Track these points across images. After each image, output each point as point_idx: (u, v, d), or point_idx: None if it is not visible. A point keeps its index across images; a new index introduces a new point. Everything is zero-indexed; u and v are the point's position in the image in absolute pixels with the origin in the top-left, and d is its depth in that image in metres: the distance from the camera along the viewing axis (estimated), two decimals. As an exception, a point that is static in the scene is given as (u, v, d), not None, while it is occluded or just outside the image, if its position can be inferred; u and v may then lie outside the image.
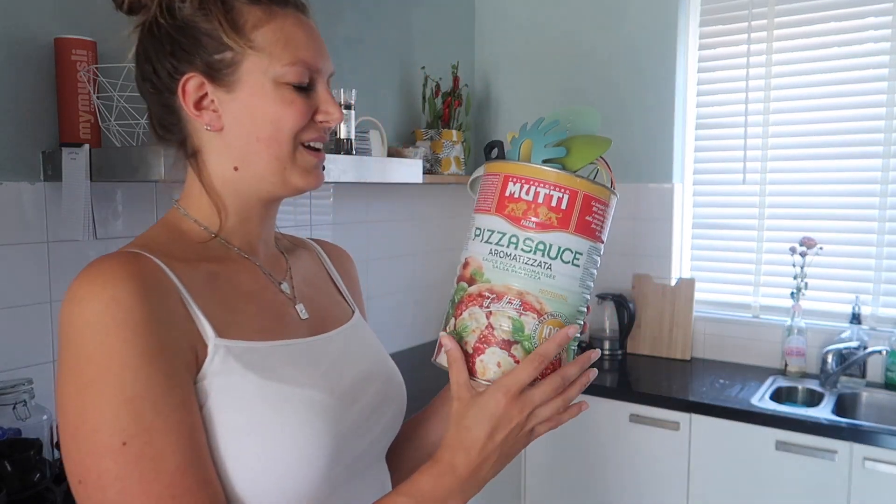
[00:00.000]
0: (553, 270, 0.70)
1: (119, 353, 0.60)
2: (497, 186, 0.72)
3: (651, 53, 2.60)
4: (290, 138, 0.73)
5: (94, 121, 1.52)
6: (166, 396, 0.61)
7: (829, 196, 2.39)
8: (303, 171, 0.75)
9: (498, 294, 0.70)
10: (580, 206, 0.70)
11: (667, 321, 2.58)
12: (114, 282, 0.61)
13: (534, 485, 2.42)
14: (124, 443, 0.59)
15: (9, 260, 1.50)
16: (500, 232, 0.71)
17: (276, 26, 0.72)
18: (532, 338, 0.70)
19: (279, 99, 0.72)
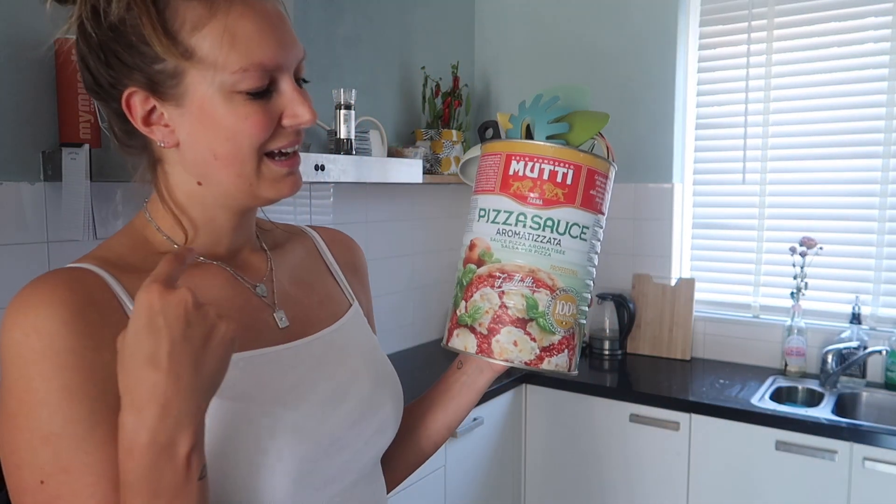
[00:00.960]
0: (562, 246, 0.70)
1: (37, 388, 0.55)
2: (499, 166, 0.71)
3: (651, 53, 2.60)
4: (251, 154, 0.64)
5: (94, 121, 1.52)
6: (88, 434, 0.56)
7: (829, 196, 2.39)
8: (272, 182, 0.66)
9: (509, 273, 0.70)
10: (584, 181, 0.70)
11: (667, 321, 2.58)
12: (37, 309, 0.56)
13: (534, 485, 2.42)
14: (42, 481, 0.55)
15: (9, 260, 1.50)
16: (507, 211, 0.70)
17: (219, 25, 0.60)
18: (546, 314, 0.69)
19: (233, 112, 0.62)
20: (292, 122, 0.65)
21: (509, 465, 2.38)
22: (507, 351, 0.70)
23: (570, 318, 0.71)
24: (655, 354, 2.59)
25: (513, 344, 0.69)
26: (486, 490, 2.25)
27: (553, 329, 0.70)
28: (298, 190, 0.69)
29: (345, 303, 0.84)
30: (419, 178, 2.15)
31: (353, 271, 0.90)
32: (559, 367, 0.71)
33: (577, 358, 0.74)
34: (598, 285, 2.75)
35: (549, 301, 0.69)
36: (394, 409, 0.78)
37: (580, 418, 2.30)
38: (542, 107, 0.72)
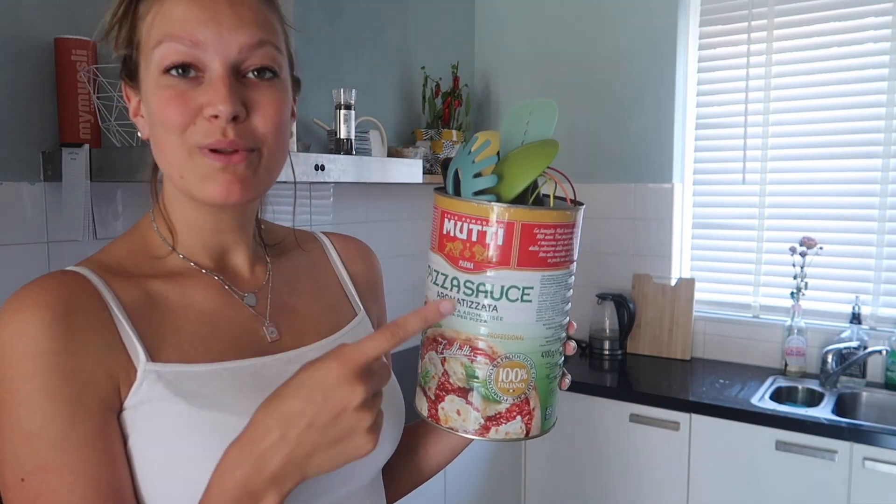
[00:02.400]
0: (499, 312, 0.63)
1: (17, 388, 0.57)
2: (438, 222, 0.66)
3: (651, 53, 2.60)
4: (175, 138, 0.62)
5: (94, 121, 1.52)
6: (68, 433, 0.57)
7: (829, 196, 2.39)
8: (200, 178, 0.62)
9: (449, 340, 0.65)
10: (519, 238, 0.62)
11: (667, 321, 2.58)
12: (21, 312, 0.58)
13: (534, 485, 2.42)
14: (22, 479, 0.56)
15: (9, 260, 1.50)
16: (443, 273, 0.65)
17: (157, 7, 0.61)
18: (488, 382, 0.64)
19: (157, 96, 0.61)
20: (207, 112, 0.60)
21: (509, 465, 2.38)
22: (451, 419, 0.66)
23: (521, 383, 0.65)
24: (655, 354, 2.59)
25: (456, 413, 0.65)
26: (486, 490, 2.25)
27: (497, 398, 0.64)
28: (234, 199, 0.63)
29: (349, 313, 0.82)
30: (419, 178, 2.15)
31: (364, 281, 0.87)
32: (510, 435, 0.66)
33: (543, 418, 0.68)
34: (598, 285, 2.75)
35: (491, 370, 0.64)
36: (390, 426, 0.74)
37: (580, 418, 2.30)
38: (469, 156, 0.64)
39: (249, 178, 0.64)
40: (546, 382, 0.67)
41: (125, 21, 0.64)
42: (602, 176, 2.74)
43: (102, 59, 1.58)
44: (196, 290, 0.69)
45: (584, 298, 2.75)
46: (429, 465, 0.86)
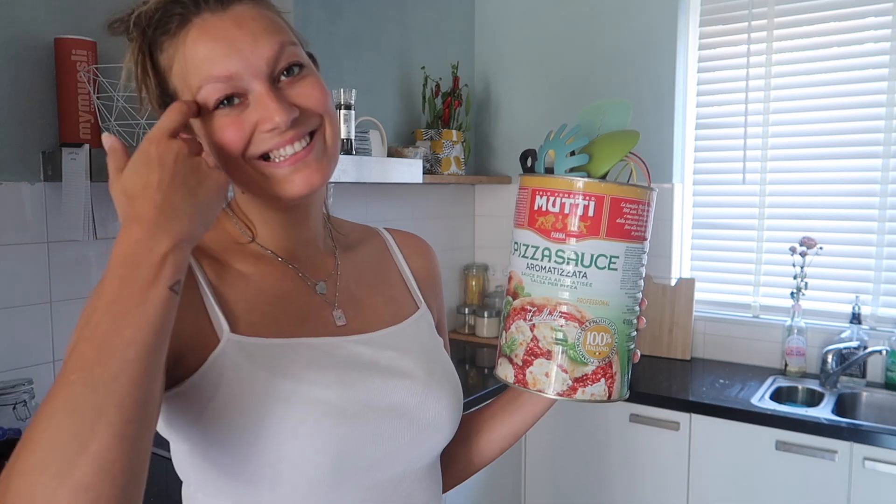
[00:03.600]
0: (589, 278, 0.70)
1: None
2: (527, 200, 0.73)
3: (651, 53, 2.60)
4: (241, 161, 0.68)
5: (94, 121, 1.52)
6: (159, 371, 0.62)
7: (829, 196, 2.39)
8: (278, 182, 0.70)
9: (538, 307, 0.71)
10: (608, 211, 0.70)
11: (667, 321, 2.58)
12: None
13: (534, 485, 2.42)
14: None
15: (9, 260, 1.50)
16: (534, 246, 0.72)
17: (181, 56, 0.67)
18: (577, 346, 0.71)
19: (211, 128, 0.68)
20: (264, 127, 0.67)
21: (509, 465, 2.38)
22: (539, 382, 0.72)
23: (605, 347, 0.71)
24: (655, 354, 2.59)
25: (545, 375, 0.71)
26: (486, 490, 2.25)
27: (585, 360, 0.71)
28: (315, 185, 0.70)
29: (411, 306, 0.87)
30: (419, 178, 2.15)
31: (424, 276, 0.92)
32: (595, 396, 0.72)
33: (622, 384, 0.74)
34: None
35: (579, 333, 0.70)
36: (449, 409, 0.79)
37: (580, 418, 2.30)
38: (562, 138, 0.73)
39: (320, 161, 0.71)
40: (625, 350, 0.73)
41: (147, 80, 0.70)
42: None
43: (102, 59, 1.58)
44: (273, 275, 0.76)
45: (584, 298, 2.75)
46: (486, 453, 0.91)
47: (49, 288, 1.57)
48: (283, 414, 0.66)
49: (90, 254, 1.65)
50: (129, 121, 1.51)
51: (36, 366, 1.56)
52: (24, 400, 1.42)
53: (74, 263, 1.62)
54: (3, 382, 1.43)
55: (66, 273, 1.60)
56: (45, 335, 1.58)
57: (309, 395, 0.68)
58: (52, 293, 1.58)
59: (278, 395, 0.67)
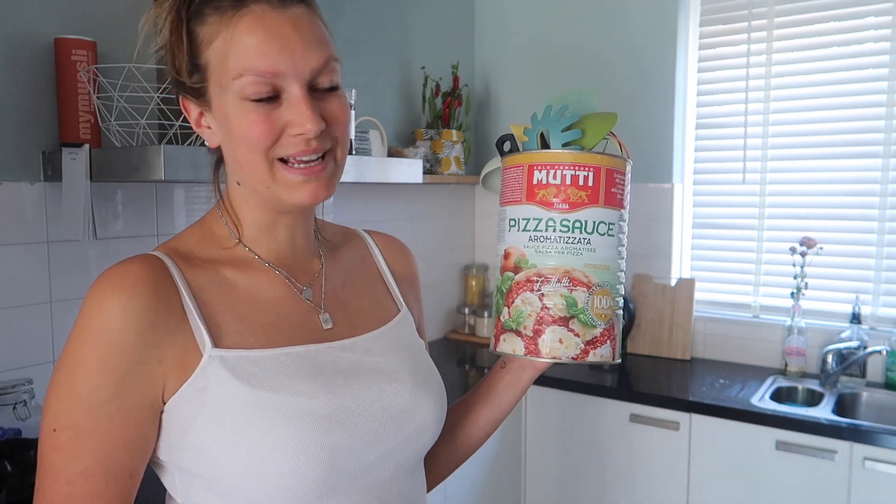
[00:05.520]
0: (592, 244, 0.74)
1: (83, 353, 0.64)
2: (523, 176, 0.76)
3: (651, 53, 2.60)
4: (261, 158, 0.68)
5: (94, 121, 1.52)
6: (106, 404, 0.64)
7: (829, 196, 2.39)
8: (287, 188, 0.70)
9: (546, 276, 0.74)
10: (605, 180, 0.74)
11: (667, 321, 2.58)
12: (104, 291, 0.65)
13: (534, 485, 2.42)
14: (54, 430, 0.64)
15: (9, 260, 1.50)
16: (536, 218, 0.74)
17: (227, 36, 0.66)
18: (586, 310, 0.74)
19: (241, 118, 0.67)
20: (293, 131, 0.68)
21: (509, 465, 2.38)
22: (554, 349, 0.74)
23: (609, 310, 0.75)
24: (655, 354, 2.59)
25: (558, 342, 0.74)
26: (486, 490, 2.25)
27: (594, 323, 0.74)
28: (321, 198, 0.72)
29: (393, 308, 0.87)
30: (419, 178, 2.15)
31: (404, 279, 0.93)
32: (604, 357, 0.75)
33: (619, 346, 0.78)
34: (598, 285, 2.72)
35: (587, 297, 0.74)
36: (434, 409, 0.80)
37: (580, 418, 2.30)
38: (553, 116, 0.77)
39: (330, 178, 0.73)
40: (619, 313, 0.78)
41: (180, 45, 0.68)
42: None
43: (102, 59, 1.58)
44: (261, 281, 0.75)
45: (584, 298, 2.75)
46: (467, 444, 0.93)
47: (49, 288, 1.57)
48: (269, 427, 0.66)
49: (90, 254, 1.65)
50: (129, 121, 1.51)
51: (36, 366, 1.56)
52: (24, 400, 1.42)
53: (74, 263, 1.62)
54: (3, 382, 1.43)
55: (66, 273, 1.60)
56: (45, 335, 1.58)
57: (295, 407, 0.68)
58: (52, 293, 1.58)
59: (264, 409, 0.67)
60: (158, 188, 1.78)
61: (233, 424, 0.66)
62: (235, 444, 0.66)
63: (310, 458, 0.67)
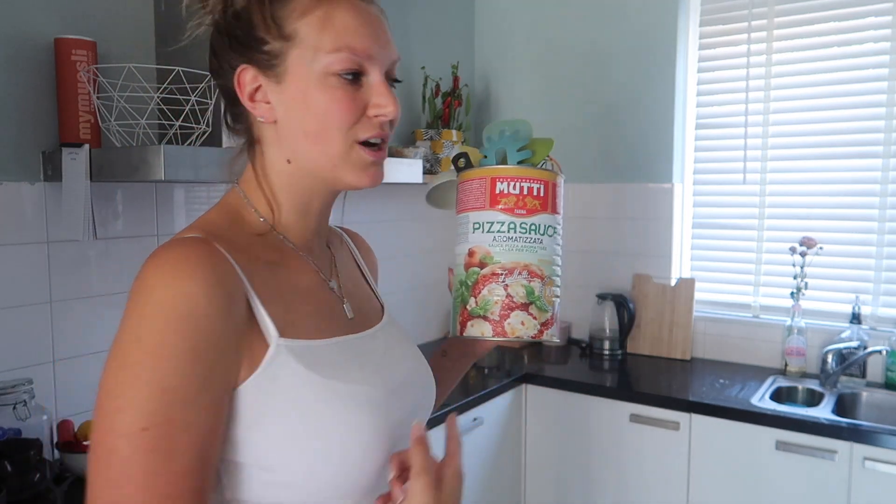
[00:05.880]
0: (543, 244, 0.89)
1: (171, 343, 0.59)
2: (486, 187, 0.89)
3: (651, 53, 2.60)
4: (340, 135, 0.70)
5: (94, 121, 1.52)
6: (198, 395, 0.61)
7: (829, 196, 2.39)
8: (355, 168, 0.72)
9: (509, 270, 0.87)
10: (552, 192, 0.90)
11: (667, 321, 2.58)
12: (185, 272, 0.61)
13: (534, 485, 2.42)
14: (144, 428, 0.58)
15: (9, 260, 1.50)
16: (500, 222, 0.88)
17: (323, 13, 0.69)
18: (541, 297, 0.88)
19: (325, 91, 0.69)
20: (376, 112, 0.71)
21: (509, 464, 2.37)
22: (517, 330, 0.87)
23: (554, 297, 0.90)
24: (655, 354, 2.59)
25: (521, 324, 0.87)
26: (486, 490, 2.25)
27: (547, 308, 0.88)
28: (378, 183, 0.75)
29: (377, 301, 0.92)
30: (419, 178, 2.15)
31: (374, 273, 0.99)
32: (553, 336, 0.89)
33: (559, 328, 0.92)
34: (598, 285, 2.75)
35: (542, 287, 0.88)
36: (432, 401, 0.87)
37: (580, 418, 2.30)
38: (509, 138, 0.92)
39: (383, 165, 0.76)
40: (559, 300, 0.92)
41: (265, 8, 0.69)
42: (602, 176, 2.74)
43: (102, 59, 1.58)
44: (297, 269, 0.76)
45: (584, 298, 2.75)
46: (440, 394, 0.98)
47: (49, 288, 1.57)
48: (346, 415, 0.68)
49: (90, 254, 1.65)
50: (129, 121, 1.51)
51: (36, 366, 1.56)
52: (24, 400, 1.42)
53: (74, 263, 1.62)
54: (3, 382, 1.43)
55: (66, 273, 1.60)
56: (45, 335, 1.58)
57: (362, 393, 0.71)
58: (52, 293, 1.58)
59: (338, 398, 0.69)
60: (158, 188, 1.78)
61: (308, 415, 0.66)
62: (312, 433, 0.66)
63: (380, 438, 0.70)
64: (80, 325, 1.64)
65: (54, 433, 1.50)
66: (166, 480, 0.58)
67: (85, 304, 1.64)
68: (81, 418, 1.55)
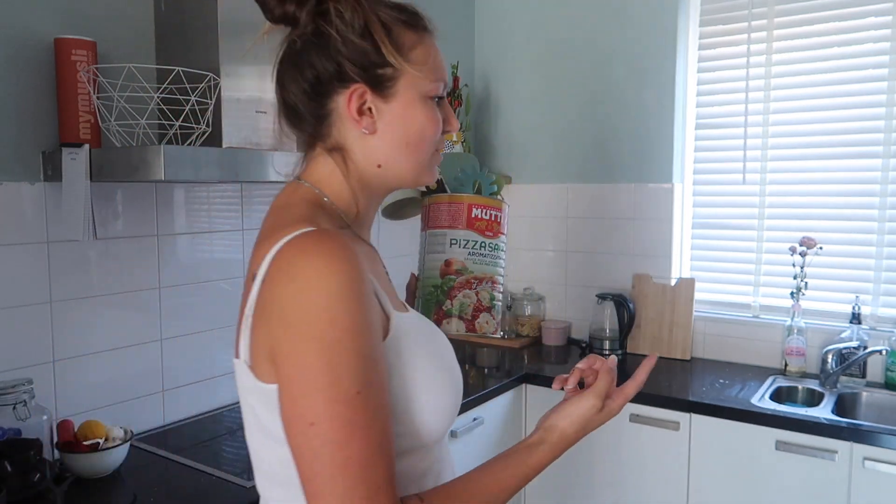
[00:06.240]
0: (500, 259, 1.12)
1: (357, 319, 0.70)
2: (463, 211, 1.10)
3: (651, 53, 2.60)
4: (430, 145, 0.87)
5: (94, 121, 1.52)
6: (380, 359, 0.73)
7: (829, 196, 2.39)
8: (431, 171, 0.90)
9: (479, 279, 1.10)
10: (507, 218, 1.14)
11: (667, 321, 2.58)
12: (344, 259, 0.71)
13: (534, 484, 2.41)
14: (358, 392, 0.69)
15: (9, 260, 1.50)
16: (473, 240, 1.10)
17: (425, 48, 0.85)
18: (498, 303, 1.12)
19: (426, 111, 0.85)
20: (448, 128, 0.89)
21: (509, 465, 2.37)
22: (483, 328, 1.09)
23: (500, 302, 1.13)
24: (655, 354, 2.59)
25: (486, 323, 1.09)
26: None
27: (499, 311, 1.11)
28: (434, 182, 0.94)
29: None
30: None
31: None
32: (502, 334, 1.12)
33: None
34: (597, 285, 2.75)
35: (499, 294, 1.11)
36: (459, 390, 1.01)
37: (580, 418, 2.29)
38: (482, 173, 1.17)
39: None
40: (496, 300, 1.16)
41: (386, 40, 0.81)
42: (602, 176, 2.74)
43: (102, 59, 1.58)
44: (373, 258, 0.91)
45: (583, 298, 2.75)
46: None
47: (49, 288, 1.57)
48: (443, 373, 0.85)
49: (90, 254, 1.65)
50: (129, 121, 1.51)
51: (36, 366, 1.56)
52: (23, 400, 1.42)
53: (74, 263, 1.62)
54: (3, 382, 1.43)
55: (66, 273, 1.60)
56: (45, 335, 1.58)
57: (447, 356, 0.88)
58: (52, 293, 1.58)
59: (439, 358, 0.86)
60: (158, 188, 1.78)
61: (419, 372, 0.80)
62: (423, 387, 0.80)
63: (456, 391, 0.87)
64: (80, 325, 1.64)
65: (54, 433, 1.50)
66: (377, 431, 0.70)
67: (85, 304, 1.64)
68: (81, 418, 1.55)
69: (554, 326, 2.75)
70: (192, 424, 1.87)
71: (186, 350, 1.88)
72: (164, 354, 1.84)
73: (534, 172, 2.88)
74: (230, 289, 1.97)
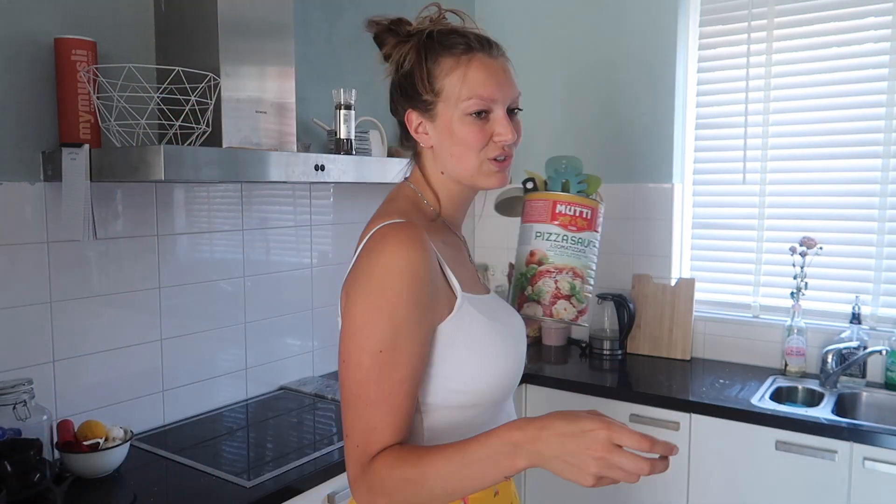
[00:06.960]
0: (585, 253, 1.19)
1: (401, 295, 0.89)
2: (548, 207, 1.20)
3: (651, 53, 2.60)
4: (474, 155, 1.01)
5: (94, 121, 1.52)
6: (414, 332, 0.90)
7: (829, 196, 2.39)
8: (486, 176, 1.03)
9: (559, 269, 1.18)
10: (595, 216, 1.21)
11: (667, 321, 2.58)
12: (412, 246, 0.90)
13: (534, 484, 2.42)
14: (381, 350, 0.89)
15: (9, 260, 1.50)
16: (556, 233, 1.19)
17: (460, 72, 0.99)
18: (580, 292, 1.19)
19: (463, 127, 0.99)
20: (498, 139, 1.01)
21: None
22: (561, 313, 1.17)
23: (588, 294, 1.20)
24: (655, 354, 2.59)
25: (563, 310, 1.17)
26: (486, 490, 2.25)
27: (583, 300, 1.19)
28: (504, 185, 1.06)
29: None
30: (419, 178, 2.15)
31: None
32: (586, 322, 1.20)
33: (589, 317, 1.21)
34: (597, 285, 2.75)
35: (581, 285, 1.18)
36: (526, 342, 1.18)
37: (580, 418, 2.29)
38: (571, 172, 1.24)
39: (508, 172, 1.06)
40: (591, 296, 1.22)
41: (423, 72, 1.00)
42: (602, 176, 2.72)
43: (102, 59, 1.58)
44: (456, 245, 1.09)
45: (584, 298, 2.75)
46: None
47: (49, 288, 1.58)
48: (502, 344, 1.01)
49: (90, 254, 1.65)
50: (129, 121, 1.51)
51: (36, 366, 1.56)
52: (23, 400, 1.42)
53: (74, 263, 1.62)
54: (3, 382, 1.43)
55: (66, 273, 1.60)
56: (45, 335, 1.58)
57: (508, 330, 1.04)
58: (51, 293, 1.58)
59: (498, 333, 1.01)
60: (158, 188, 1.78)
61: (480, 343, 0.98)
62: (483, 356, 0.98)
63: (517, 363, 1.04)
64: (80, 325, 1.64)
65: (54, 433, 1.50)
66: (390, 384, 0.89)
67: (85, 304, 1.64)
68: (81, 418, 1.55)
69: (554, 326, 2.75)
70: (192, 424, 1.87)
71: (186, 350, 1.88)
72: (164, 354, 1.84)
73: (534, 172, 2.87)
74: (230, 289, 1.97)
